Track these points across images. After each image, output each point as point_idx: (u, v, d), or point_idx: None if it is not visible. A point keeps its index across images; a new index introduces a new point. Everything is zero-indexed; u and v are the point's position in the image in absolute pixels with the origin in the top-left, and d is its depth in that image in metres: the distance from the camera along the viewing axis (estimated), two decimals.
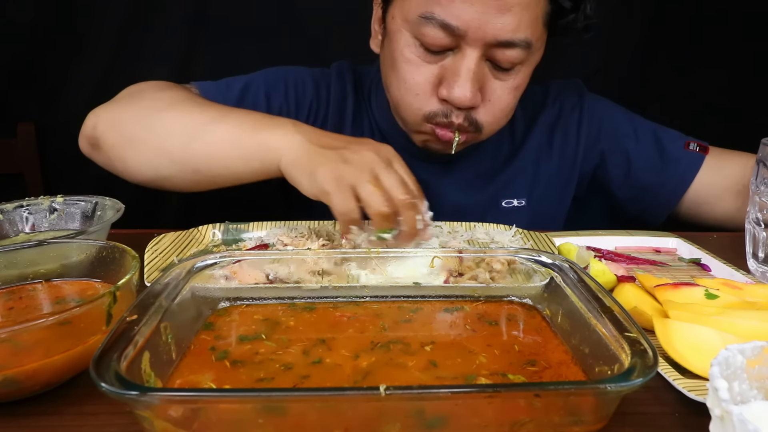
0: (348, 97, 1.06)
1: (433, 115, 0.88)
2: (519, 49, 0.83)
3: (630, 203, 1.09)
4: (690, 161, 1.04)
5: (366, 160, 0.70)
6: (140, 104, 0.88)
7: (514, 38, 0.82)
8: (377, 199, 0.68)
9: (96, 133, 0.88)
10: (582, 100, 1.09)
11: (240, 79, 1.04)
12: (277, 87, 1.03)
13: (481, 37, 0.81)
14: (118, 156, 0.88)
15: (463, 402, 0.42)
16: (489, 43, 0.82)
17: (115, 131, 0.87)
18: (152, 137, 0.84)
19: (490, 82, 0.87)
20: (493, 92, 0.87)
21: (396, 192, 0.69)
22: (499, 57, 0.84)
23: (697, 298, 0.62)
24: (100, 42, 1.40)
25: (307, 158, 0.74)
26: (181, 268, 0.59)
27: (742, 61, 1.51)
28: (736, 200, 1.00)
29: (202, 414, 0.41)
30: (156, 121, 0.84)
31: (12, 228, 0.81)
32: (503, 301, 0.63)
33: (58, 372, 0.50)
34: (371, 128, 1.06)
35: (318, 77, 1.06)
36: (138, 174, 0.88)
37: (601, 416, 0.44)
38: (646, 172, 1.06)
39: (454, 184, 1.05)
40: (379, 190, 0.68)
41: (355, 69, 1.09)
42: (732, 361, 0.39)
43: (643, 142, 1.06)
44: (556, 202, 1.09)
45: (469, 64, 0.83)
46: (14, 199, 0.82)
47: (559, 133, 1.08)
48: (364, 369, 0.50)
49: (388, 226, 0.70)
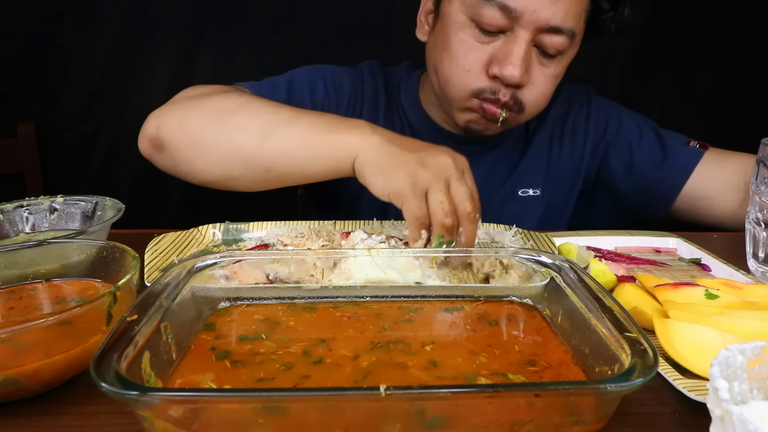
0: (380, 94, 1.11)
1: (482, 91, 0.94)
2: (564, 37, 0.90)
3: (632, 196, 1.13)
4: (690, 155, 1.08)
5: (443, 166, 0.71)
6: (207, 105, 0.88)
7: (563, 25, 0.89)
8: (445, 208, 0.69)
9: (160, 134, 0.87)
10: (590, 99, 1.15)
11: (283, 79, 1.07)
12: (317, 85, 1.07)
13: (534, 20, 0.88)
14: (185, 157, 0.87)
15: (464, 402, 0.42)
16: (540, 28, 0.89)
17: (181, 132, 0.86)
18: (223, 137, 0.84)
19: (535, 66, 0.93)
20: (536, 76, 0.93)
21: (464, 204, 0.70)
22: (546, 42, 0.90)
23: (698, 298, 0.62)
24: (100, 42, 1.40)
25: (384, 159, 0.74)
26: (181, 268, 0.59)
27: (742, 61, 1.51)
28: (735, 197, 1.01)
29: (202, 414, 0.41)
30: (228, 122, 0.84)
31: (12, 228, 0.81)
32: (503, 301, 0.63)
33: (58, 372, 0.50)
34: (401, 123, 1.11)
35: (353, 75, 1.12)
36: (205, 174, 0.87)
37: (601, 416, 0.44)
38: (648, 166, 1.10)
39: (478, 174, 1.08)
40: (447, 199, 0.70)
41: (382, 68, 1.15)
42: (732, 361, 0.39)
43: (645, 138, 1.11)
44: (566, 193, 1.15)
45: (522, 45, 0.89)
46: (14, 199, 0.82)
47: (569, 128, 1.14)
48: (365, 369, 0.50)
49: (449, 236, 0.71)
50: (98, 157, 1.49)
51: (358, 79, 1.11)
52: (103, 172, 1.50)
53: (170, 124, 0.86)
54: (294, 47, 1.43)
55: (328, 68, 1.11)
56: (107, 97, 1.42)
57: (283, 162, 0.82)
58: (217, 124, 0.84)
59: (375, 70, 1.13)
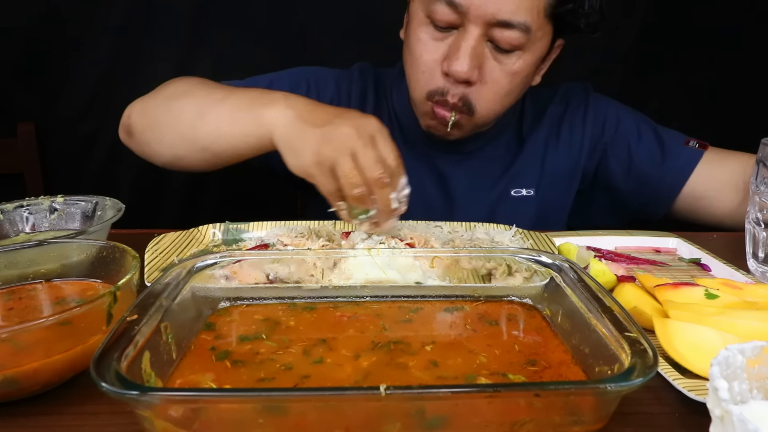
0: (368, 94, 1.12)
1: (434, 93, 0.94)
2: (517, 32, 0.88)
3: (631, 196, 1.12)
4: (689, 155, 1.07)
5: (346, 137, 0.71)
6: (164, 93, 0.96)
7: (513, 19, 0.87)
8: (351, 181, 0.70)
9: (129, 122, 0.97)
10: (588, 98, 1.14)
11: (265, 78, 1.09)
12: (299, 85, 1.09)
13: (481, 15, 0.87)
14: (145, 141, 0.96)
15: (464, 402, 0.42)
16: (489, 22, 0.87)
17: (143, 118, 0.95)
18: (169, 120, 0.92)
19: (489, 62, 0.92)
20: (490, 73, 0.92)
21: (370, 171, 0.70)
22: (498, 37, 0.89)
23: (697, 298, 0.62)
24: (100, 42, 1.40)
25: (293, 136, 0.76)
26: (181, 268, 0.59)
27: (741, 61, 1.51)
28: (735, 196, 1.01)
29: (202, 414, 0.41)
30: (172, 107, 0.92)
31: (12, 228, 0.81)
32: (503, 301, 0.64)
33: (58, 372, 0.50)
34: (391, 123, 1.11)
35: (339, 76, 1.13)
36: (160, 155, 0.96)
37: (601, 416, 0.44)
38: (647, 165, 1.09)
39: (468, 173, 1.11)
40: (354, 170, 0.70)
41: (375, 69, 1.15)
42: (732, 361, 0.39)
43: (644, 137, 1.10)
44: (562, 193, 1.13)
45: (470, 40, 0.89)
46: (14, 199, 0.82)
47: (566, 127, 1.12)
48: (365, 369, 0.50)
49: (363, 206, 0.71)
50: (98, 157, 1.49)
51: (346, 81, 1.12)
52: (103, 172, 1.50)
53: (136, 111, 0.97)
54: (294, 48, 1.43)
55: (316, 70, 1.13)
56: (107, 97, 1.42)
57: (215, 141, 0.87)
58: (165, 108, 0.93)
59: (366, 71, 1.14)
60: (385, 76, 1.14)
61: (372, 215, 0.72)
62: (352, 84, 1.12)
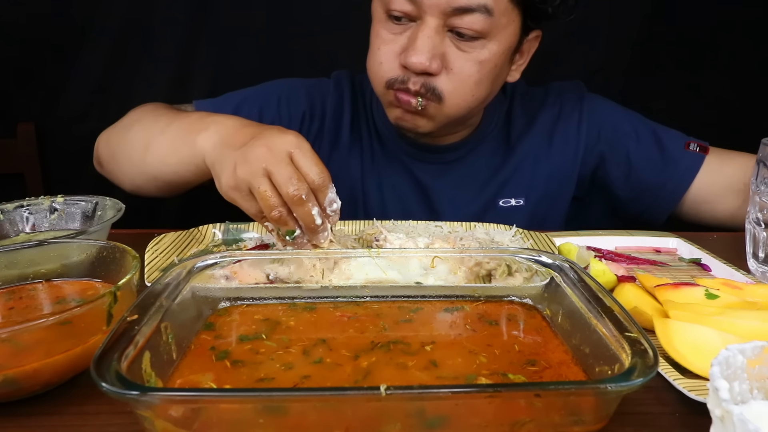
0: (345, 106, 1.09)
1: (393, 82, 0.92)
2: (478, 14, 0.85)
3: (631, 203, 1.10)
4: (690, 161, 1.04)
5: (259, 157, 0.68)
6: (123, 123, 0.99)
7: (471, 3, 0.84)
8: (267, 203, 0.67)
9: (97, 153, 1.02)
10: (582, 101, 1.09)
11: (237, 95, 1.09)
12: (270, 102, 1.07)
13: (436, 4, 0.85)
14: (111, 170, 1.01)
15: (464, 402, 0.42)
16: (445, 11, 0.85)
17: (106, 148, 1.00)
18: (124, 150, 0.95)
19: (452, 51, 0.89)
20: (454, 61, 0.89)
21: (285, 188, 0.66)
22: (458, 24, 0.86)
23: (698, 298, 0.62)
24: (100, 42, 1.40)
25: (216, 161, 0.74)
26: (181, 268, 0.59)
27: (742, 61, 1.51)
28: (736, 199, 1.00)
29: (202, 414, 0.41)
30: (127, 136, 0.94)
31: (12, 228, 0.81)
32: (503, 301, 0.64)
33: (58, 372, 0.50)
34: (369, 134, 1.09)
35: (313, 88, 1.10)
36: (124, 185, 1.00)
37: (601, 416, 0.44)
38: (647, 172, 1.06)
39: (451, 184, 1.07)
40: (269, 190, 0.67)
41: (354, 78, 1.12)
42: (732, 361, 0.39)
43: (643, 142, 1.07)
44: (555, 201, 1.10)
45: (427, 31, 0.87)
46: (14, 199, 0.82)
47: (559, 133, 1.08)
48: (365, 369, 0.50)
49: (284, 227, 0.69)
50: None
51: (320, 93, 1.09)
52: None
53: (102, 143, 1.01)
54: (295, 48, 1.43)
55: (288, 84, 1.10)
56: (107, 97, 1.42)
57: (161, 169, 0.88)
58: (122, 139, 0.95)
59: (342, 80, 1.11)
60: (364, 83, 1.09)
61: (298, 235, 0.69)
62: (327, 95, 1.09)
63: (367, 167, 1.08)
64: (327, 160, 1.02)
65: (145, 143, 0.89)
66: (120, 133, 0.96)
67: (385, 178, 1.08)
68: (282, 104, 1.07)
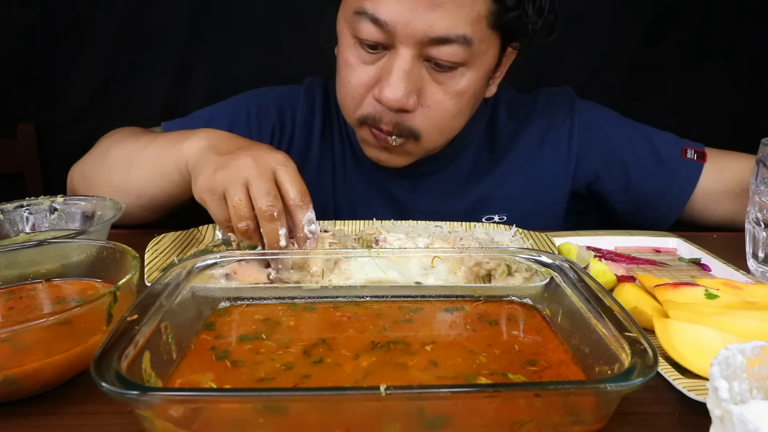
0: (315, 115, 1.04)
1: (366, 118, 0.87)
2: (456, 45, 0.80)
3: (630, 216, 1.07)
4: (689, 172, 1.01)
5: (242, 166, 0.67)
6: (96, 151, 0.98)
7: (449, 34, 0.79)
8: (239, 212, 0.66)
9: (72, 186, 1.01)
10: (573, 111, 1.04)
11: (206, 112, 1.06)
12: (240, 117, 1.04)
13: (411, 34, 0.79)
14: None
15: (464, 402, 0.42)
16: (421, 41, 0.80)
17: (82, 182, 0.98)
18: (103, 176, 0.93)
19: (429, 86, 0.84)
20: (432, 96, 0.84)
21: (259, 202, 0.65)
22: (435, 54, 0.81)
23: (697, 298, 0.62)
24: (100, 42, 1.40)
25: (198, 162, 0.74)
26: (181, 268, 0.59)
27: (742, 61, 1.51)
28: (735, 203, 0.99)
29: (202, 414, 0.41)
30: (104, 162, 0.94)
31: (12, 228, 0.81)
32: (503, 301, 0.64)
33: (58, 372, 0.50)
34: (342, 144, 1.05)
35: (283, 99, 1.06)
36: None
37: (601, 416, 0.44)
38: (645, 185, 1.03)
39: (428, 198, 1.03)
40: (243, 201, 0.66)
41: (327, 84, 1.07)
42: (732, 361, 0.39)
43: (639, 153, 1.03)
44: (545, 217, 1.04)
45: (402, 63, 0.81)
46: (14, 199, 0.82)
47: (549, 145, 1.04)
48: (365, 369, 0.50)
49: (247, 240, 0.68)
50: None
51: (290, 104, 1.05)
52: None
53: (76, 176, 0.99)
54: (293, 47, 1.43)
55: (258, 97, 1.06)
56: (107, 97, 1.42)
57: (146, 186, 0.87)
58: (99, 166, 0.94)
59: (313, 89, 1.05)
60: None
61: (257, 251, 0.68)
62: (297, 106, 1.04)
63: (339, 180, 1.05)
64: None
65: (127, 162, 0.89)
66: (96, 161, 0.95)
67: (357, 192, 1.05)
68: (252, 119, 1.04)
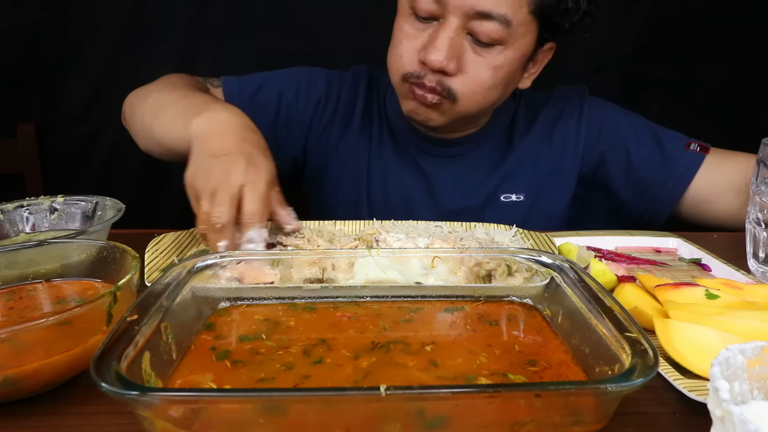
0: (359, 98, 1.14)
1: (409, 75, 0.96)
2: (497, 24, 0.89)
3: (632, 203, 1.11)
4: (690, 160, 1.05)
5: (214, 178, 0.72)
6: (148, 89, 1.04)
7: (493, 11, 0.88)
8: (200, 218, 0.71)
9: (124, 109, 1.08)
10: (582, 102, 1.12)
11: (260, 76, 1.14)
12: (290, 85, 1.13)
13: (460, 5, 0.88)
14: (131, 129, 1.06)
15: (464, 402, 0.42)
16: (467, 13, 0.89)
17: (129, 108, 1.06)
18: (139, 115, 1.01)
19: (469, 55, 0.93)
20: (470, 64, 0.93)
21: (213, 213, 0.70)
22: (477, 29, 0.90)
23: (698, 298, 0.62)
24: (100, 42, 1.40)
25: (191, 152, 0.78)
26: (181, 268, 0.59)
27: (742, 61, 1.51)
28: (737, 198, 1.00)
29: (202, 414, 0.41)
30: (144, 102, 1.01)
31: (12, 228, 0.81)
32: (503, 301, 0.63)
33: (58, 372, 0.50)
34: (380, 123, 1.14)
35: (332, 77, 1.15)
36: (139, 143, 1.05)
37: (601, 416, 0.44)
38: (647, 171, 1.07)
39: (455, 176, 1.11)
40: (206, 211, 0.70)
41: (372, 73, 1.17)
42: (732, 362, 0.39)
43: (643, 142, 1.08)
44: (554, 199, 1.12)
45: (448, 31, 0.90)
46: (14, 199, 0.82)
47: (559, 132, 1.11)
48: (365, 369, 0.50)
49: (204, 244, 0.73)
50: (98, 157, 1.49)
51: (337, 83, 1.14)
52: (103, 172, 1.50)
53: (128, 102, 1.07)
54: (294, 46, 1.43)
55: (310, 71, 1.16)
56: (107, 97, 1.42)
57: (165, 138, 0.94)
58: (140, 103, 1.02)
59: (360, 74, 1.15)
60: (381, 79, 1.15)
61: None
62: (343, 86, 1.14)
63: (374, 153, 1.13)
64: (336, 143, 1.13)
65: (156, 112, 0.96)
66: (141, 98, 1.03)
67: (391, 164, 1.13)
68: (301, 90, 1.13)
